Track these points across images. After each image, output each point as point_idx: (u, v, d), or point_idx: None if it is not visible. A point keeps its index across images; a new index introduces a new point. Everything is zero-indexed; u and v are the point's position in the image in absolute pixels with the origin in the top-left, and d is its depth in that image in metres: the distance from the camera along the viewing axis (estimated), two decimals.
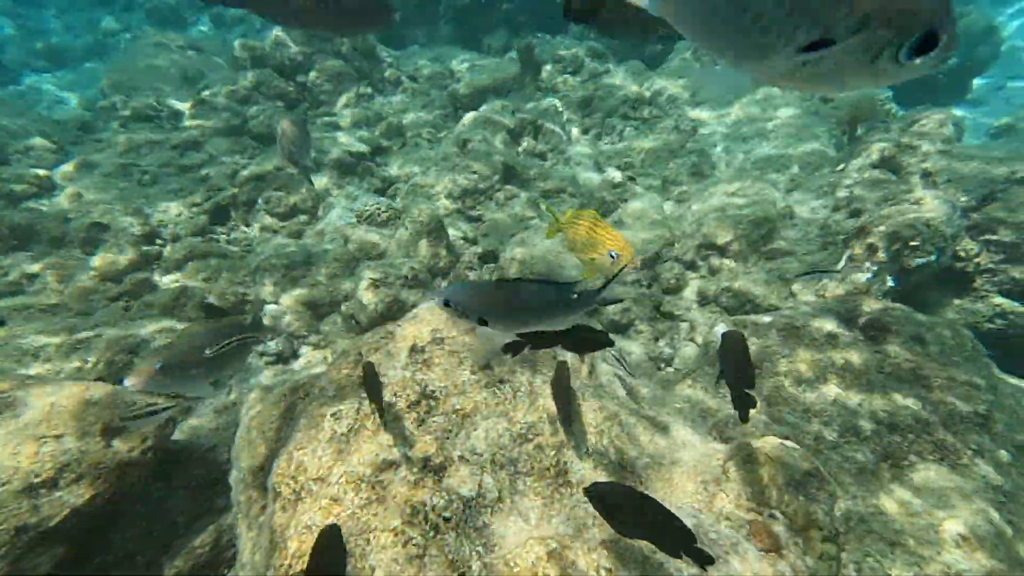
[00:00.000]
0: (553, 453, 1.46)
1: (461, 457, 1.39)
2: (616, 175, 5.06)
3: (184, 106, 5.08)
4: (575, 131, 5.73)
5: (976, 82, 5.98)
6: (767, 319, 2.64)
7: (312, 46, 5.38)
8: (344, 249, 3.58)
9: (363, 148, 4.72)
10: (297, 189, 4.00)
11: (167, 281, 3.16)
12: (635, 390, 2.16)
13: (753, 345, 2.36)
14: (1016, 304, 2.25)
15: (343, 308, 3.16)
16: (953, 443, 1.79)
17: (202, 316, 2.87)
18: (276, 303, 3.07)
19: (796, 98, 5.33)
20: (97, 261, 3.23)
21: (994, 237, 2.29)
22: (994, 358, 2.03)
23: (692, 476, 1.49)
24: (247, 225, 3.92)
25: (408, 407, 1.49)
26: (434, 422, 1.47)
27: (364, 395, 1.47)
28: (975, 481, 1.69)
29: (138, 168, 4.22)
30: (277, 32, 5.37)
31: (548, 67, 6.08)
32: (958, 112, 5.91)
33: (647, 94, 5.87)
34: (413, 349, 1.64)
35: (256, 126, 4.82)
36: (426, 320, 1.75)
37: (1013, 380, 2.09)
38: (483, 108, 5.36)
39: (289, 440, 1.40)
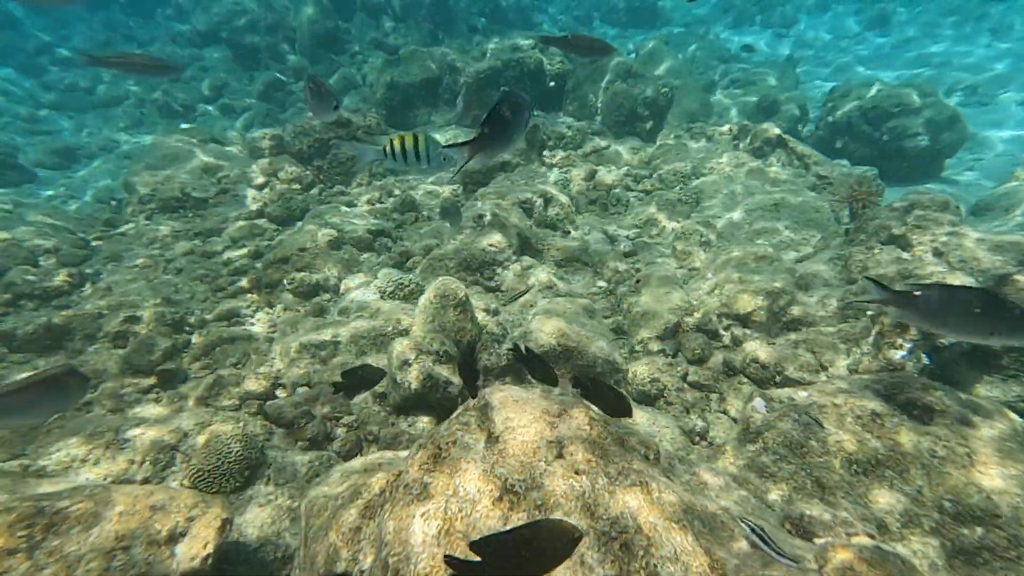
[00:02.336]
0: (641, 554, 1.48)
1: None
2: (627, 244, 5.31)
3: (206, 195, 5.33)
4: (583, 201, 6.05)
5: (947, 162, 6.57)
6: (803, 394, 2.74)
7: (329, 132, 5.72)
8: (370, 325, 3.65)
9: (380, 224, 4.94)
10: (319, 267, 4.14)
11: (196, 368, 3.20)
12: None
13: (791, 424, 2.43)
14: None
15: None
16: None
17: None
18: (307, 384, 3.09)
19: (792, 173, 5.75)
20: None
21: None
22: None
23: None
24: (271, 306, 4.00)
25: (492, 503, 1.51)
26: (518, 519, 1.50)
27: (450, 492, 1.50)
28: None
29: (164, 258, 4.38)
30: (296, 123, 5.79)
31: (552, 143, 6.52)
32: (932, 186, 6.41)
33: (647, 169, 6.29)
34: (489, 439, 1.68)
35: (275, 210, 5.09)
36: (504, 406, 1.81)
37: None
38: (493, 183, 5.67)
39: (383, 546, 1.41)
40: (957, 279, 2.64)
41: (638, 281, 4.40)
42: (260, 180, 5.34)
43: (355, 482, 1.78)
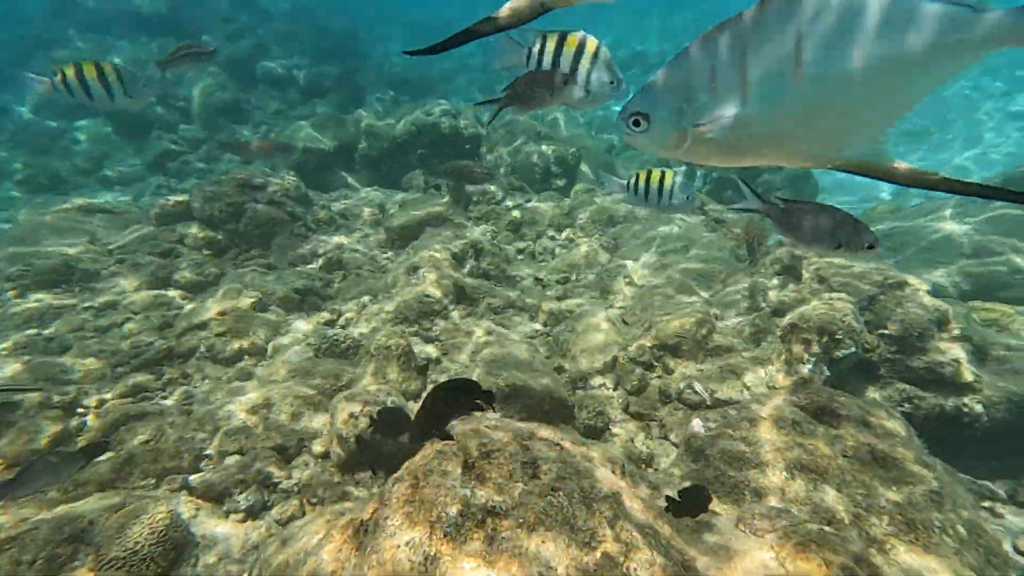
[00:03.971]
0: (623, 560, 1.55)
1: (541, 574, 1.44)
2: (558, 288, 5.61)
3: (97, 266, 4.81)
4: (510, 251, 6.34)
5: None
6: (733, 412, 3.03)
7: (244, 195, 5.51)
8: (305, 384, 3.48)
9: (306, 284, 4.80)
10: (243, 331, 3.88)
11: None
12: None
13: (727, 438, 2.69)
14: (917, 389, 2.88)
15: (315, 447, 3.00)
16: (922, 521, 2.14)
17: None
18: (240, 453, 2.84)
19: (694, 219, 6.54)
20: (6, 448, 2.82)
21: (886, 331, 2.97)
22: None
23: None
24: (185, 377, 3.67)
25: (476, 527, 1.52)
26: (503, 538, 1.51)
27: (435, 519, 1.49)
28: (949, 559, 2.01)
29: (43, 337, 3.86)
30: (206, 187, 5.49)
31: (476, 199, 6.85)
32: None
33: (569, 220, 6.80)
34: (465, 465, 1.70)
35: (186, 277, 4.70)
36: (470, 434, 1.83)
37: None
38: (423, 236, 5.80)
39: None
40: (839, 301, 3.16)
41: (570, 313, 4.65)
42: (166, 247, 4.96)
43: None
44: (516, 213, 6.63)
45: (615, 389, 3.98)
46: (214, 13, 11.69)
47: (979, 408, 2.74)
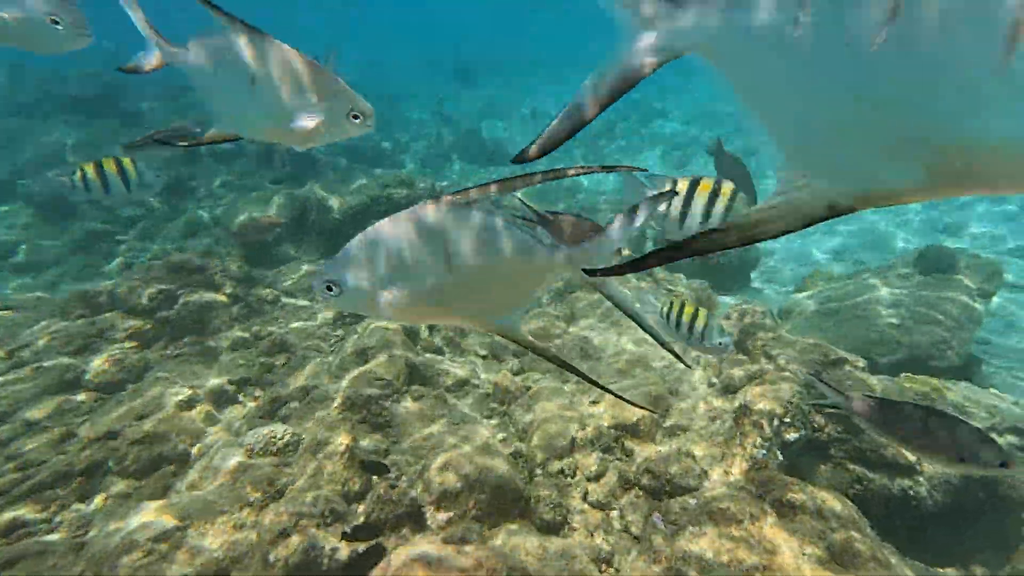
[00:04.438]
0: None
1: None
2: (514, 362, 5.52)
3: None
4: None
5: (752, 274, 8.29)
6: (692, 502, 2.96)
7: (179, 279, 5.15)
8: (231, 495, 3.16)
9: (244, 373, 4.50)
10: (163, 435, 3.51)
11: None
12: None
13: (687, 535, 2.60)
14: (866, 470, 2.92)
15: None
16: None
17: None
18: None
19: (649, 289, 6.71)
20: None
21: (829, 410, 3.03)
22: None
23: None
24: (84, 499, 3.23)
25: None
26: None
27: None
28: None
29: None
30: (135, 273, 5.12)
31: None
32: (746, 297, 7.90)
33: None
34: None
35: (103, 376, 4.20)
36: None
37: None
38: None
39: None
40: (786, 382, 3.21)
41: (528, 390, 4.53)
42: (80, 343, 4.44)
43: None
44: None
45: (574, 476, 3.84)
46: (152, 90, 11.65)
47: (923, 491, 2.78)
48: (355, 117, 1.73)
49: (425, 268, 1.41)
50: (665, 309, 2.50)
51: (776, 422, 3.02)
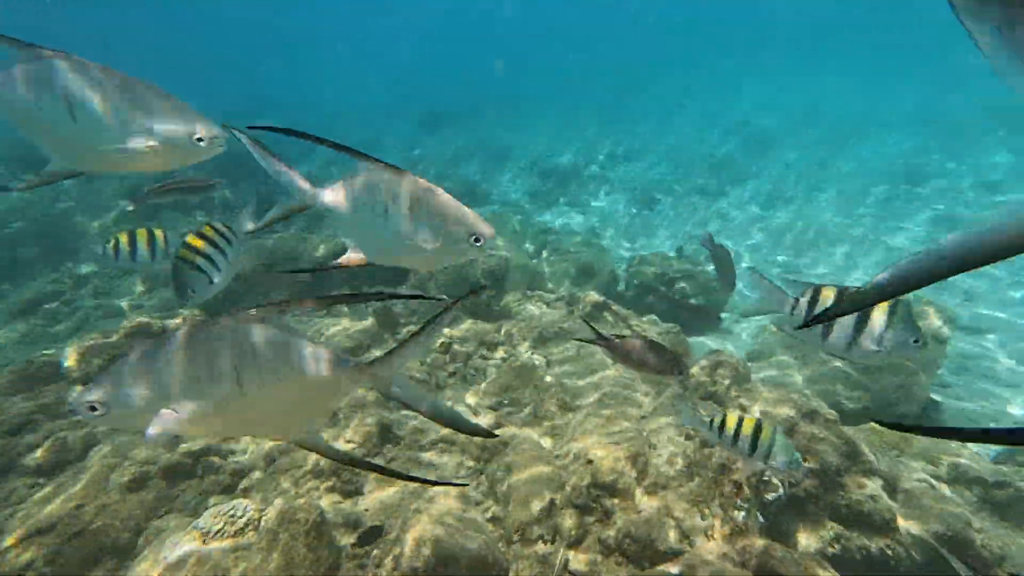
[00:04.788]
0: None
1: None
2: (489, 417, 5.41)
3: None
4: (443, 376, 6.13)
5: (723, 315, 8.48)
6: (674, 571, 2.89)
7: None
8: None
9: (204, 443, 4.24)
10: (105, 524, 3.16)
11: None
12: None
13: None
14: (843, 529, 2.93)
15: None
16: None
17: None
18: None
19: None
20: None
21: (807, 465, 3.05)
22: None
23: None
24: None
25: None
26: None
27: None
28: None
29: None
30: (87, 340, 4.76)
31: (403, 320, 6.72)
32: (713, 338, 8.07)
33: (500, 336, 6.78)
34: None
35: (34, 457, 3.78)
36: None
37: None
38: None
39: None
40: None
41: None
42: (17, 423, 4.01)
43: None
44: (444, 333, 6.52)
45: (552, 541, 3.72)
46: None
47: (901, 551, 2.79)
48: (476, 240, 1.88)
49: (214, 384, 1.42)
50: (716, 421, 2.27)
51: (755, 480, 3.02)
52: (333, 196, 1.85)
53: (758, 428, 2.23)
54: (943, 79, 23.69)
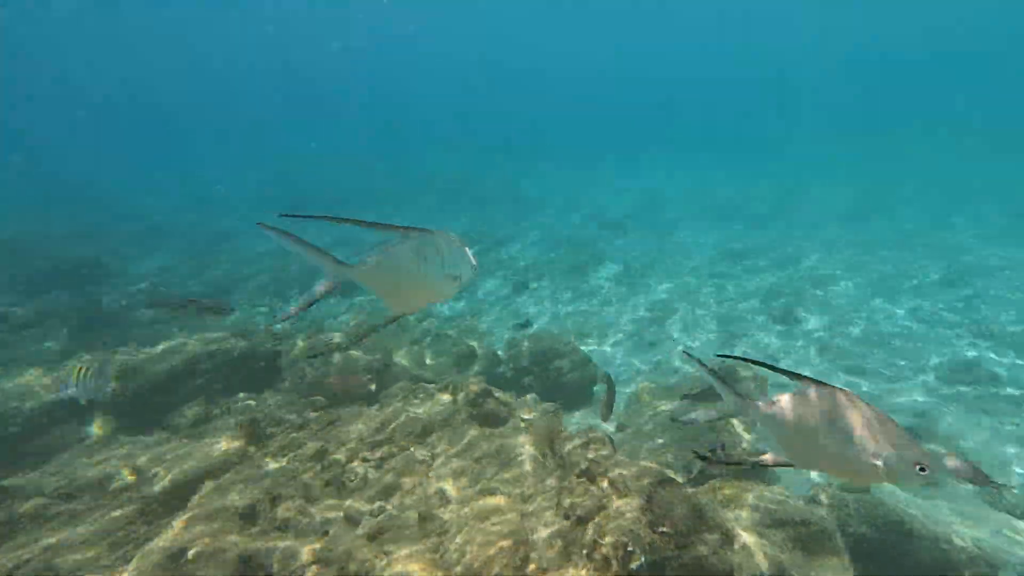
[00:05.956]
0: None
1: None
2: (371, 523, 5.18)
3: None
4: (318, 485, 5.76)
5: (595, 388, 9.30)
6: None
7: None
8: None
9: None
10: None
11: None
12: None
13: None
14: None
15: None
16: None
17: None
18: None
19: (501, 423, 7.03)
20: None
21: (664, 529, 3.49)
22: None
23: None
24: None
25: None
26: None
27: None
28: None
29: None
30: None
31: (271, 430, 6.31)
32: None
33: (382, 435, 6.64)
34: None
35: None
36: None
37: None
38: (196, 498, 4.83)
39: None
40: (627, 508, 3.63)
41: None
42: None
43: None
44: (318, 443, 6.23)
45: None
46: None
47: None
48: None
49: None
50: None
51: (620, 552, 3.36)
52: (359, 269, 2.26)
53: None
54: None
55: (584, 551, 3.58)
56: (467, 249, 2.38)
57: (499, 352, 10.30)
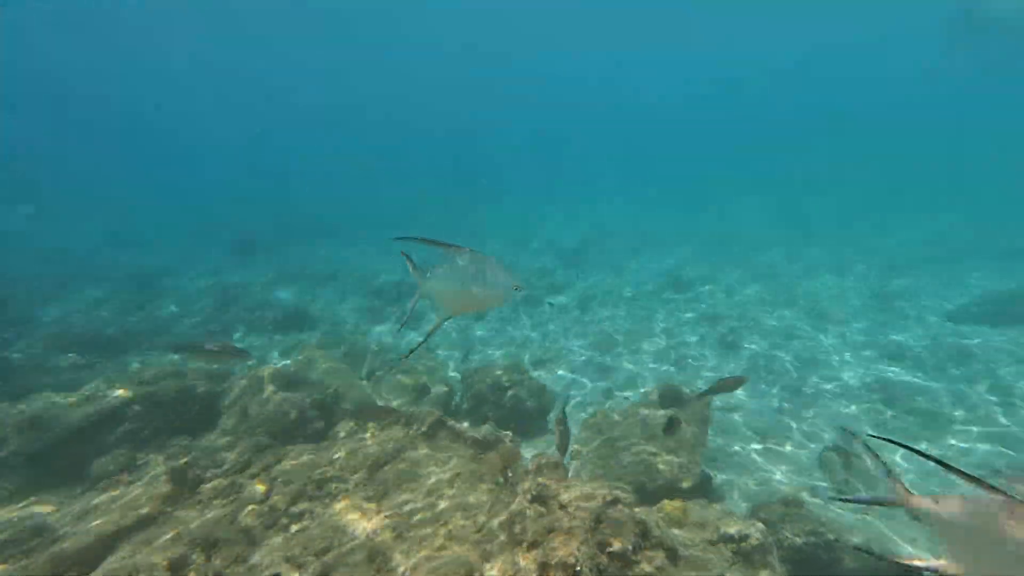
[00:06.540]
0: None
1: None
2: (315, 566, 4.95)
3: None
4: (257, 530, 5.47)
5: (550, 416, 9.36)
6: None
7: None
8: None
9: None
10: None
11: None
12: None
13: None
14: None
15: None
16: None
17: None
18: None
19: (456, 454, 6.96)
20: None
21: (612, 549, 3.57)
22: None
23: None
24: None
25: None
26: None
27: None
28: None
29: None
30: None
31: (209, 475, 5.99)
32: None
33: (330, 472, 6.41)
34: None
35: None
36: None
37: None
38: (120, 553, 4.45)
39: None
40: (576, 528, 3.68)
41: None
42: None
43: None
44: (261, 485, 5.96)
45: None
46: None
47: None
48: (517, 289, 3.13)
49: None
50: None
51: (570, 573, 3.39)
52: (429, 281, 3.14)
53: None
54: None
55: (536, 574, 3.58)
56: (510, 271, 3.04)
57: (453, 382, 10.24)
